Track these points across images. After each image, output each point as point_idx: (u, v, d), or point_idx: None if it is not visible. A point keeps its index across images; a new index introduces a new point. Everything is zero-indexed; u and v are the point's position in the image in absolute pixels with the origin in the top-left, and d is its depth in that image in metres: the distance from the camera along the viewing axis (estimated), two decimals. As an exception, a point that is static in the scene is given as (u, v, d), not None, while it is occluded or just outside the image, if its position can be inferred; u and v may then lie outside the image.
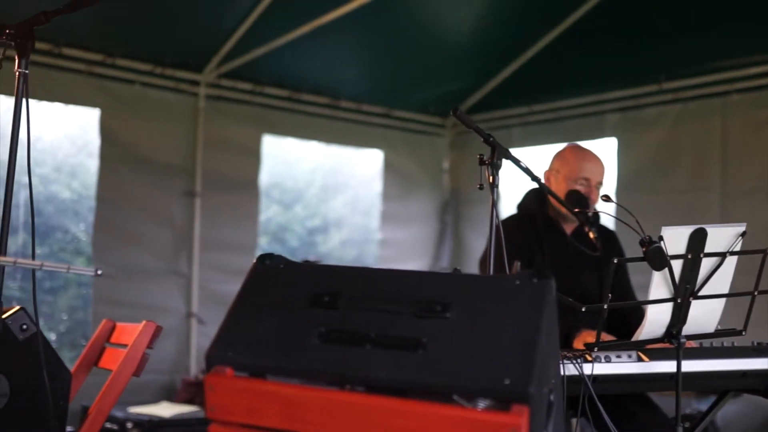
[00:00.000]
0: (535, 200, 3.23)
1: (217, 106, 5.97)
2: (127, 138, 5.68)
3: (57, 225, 6.49)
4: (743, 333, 2.48)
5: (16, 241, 5.89)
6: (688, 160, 5.59)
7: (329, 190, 7.37)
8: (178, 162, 5.87)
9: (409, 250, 6.78)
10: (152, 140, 5.79)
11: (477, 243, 6.68)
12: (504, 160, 2.43)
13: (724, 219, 5.12)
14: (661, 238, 2.21)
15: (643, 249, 2.21)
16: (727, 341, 2.55)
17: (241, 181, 6.06)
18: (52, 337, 6.34)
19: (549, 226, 3.16)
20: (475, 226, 6.72)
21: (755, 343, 2.57)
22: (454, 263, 6.83)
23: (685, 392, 3.78)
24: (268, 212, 6.90)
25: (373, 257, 6.87)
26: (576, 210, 2.74)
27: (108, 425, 4.97)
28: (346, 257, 7.16)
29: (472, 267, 6.72)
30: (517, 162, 2.49)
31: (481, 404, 1.47)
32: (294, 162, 7.20)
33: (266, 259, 1.79)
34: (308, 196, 7.44)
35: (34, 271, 2.24)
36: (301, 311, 1.65)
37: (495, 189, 2.34)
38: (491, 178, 2.34)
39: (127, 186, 5.66)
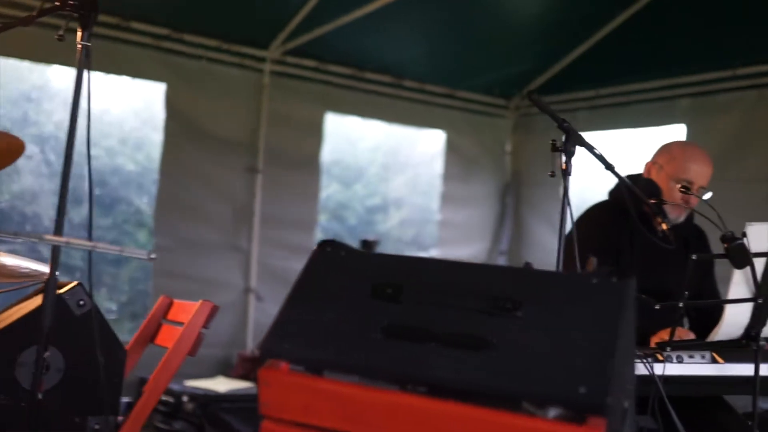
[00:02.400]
0: (644, 191, 2.82)
1: (281, 82, 5.94)
2: (192, 113, 5.70)
3: (121, 197, 6.57)
4: (827, 338, 2.33)
5: (81, 212, 5.98)
6: (762, 149, 5.35)
7: (390, 170, 7.31)
8: (240, 138, 5.88)
9: (468, 232, 6.69)
10: (216, 116, 5.80)
11: (537, 227, 6.55)
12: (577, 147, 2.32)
13: (800, 212, 4.90)
14: (744, 235, 2.08)
15: (725, 245, 2.08)
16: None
17: (303, 159, 6.04)
18: (113, 307, 6.45)
19: (643, 220, 2.82)
20: (536, 210, 6.58)
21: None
22: (513, 247, 6.71)
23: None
24: (328, 190, 6.87)
25: (431, 238, 6.79)
26: (651, 201, 2.60)
27: (164, 398, 5.03)
28: (405, 237, 7.11)
29: (532, 251, 6.59)
30: (591, 149, 2.37)
31: (552, 413, 1.39)
32: (356, 140, 7.15)
33: (327, 245, 1.72)
34: (369, 174, 7.39)
35: (89, 253, 2.21)
36: (362, 303, 1.58)
37: (567, 177, 2.24)
38: (564, 165, 2.24)
39: (190, 161, 5.69)
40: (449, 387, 1.44)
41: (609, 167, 2.43)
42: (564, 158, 2.23)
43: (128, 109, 6.47)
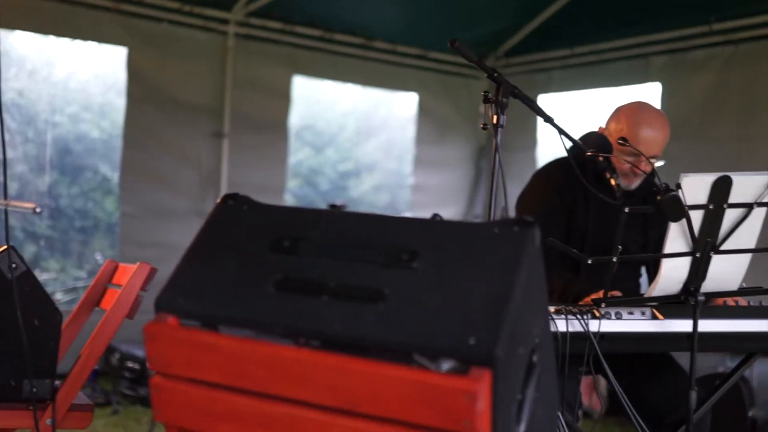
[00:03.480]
0: (595, 146, 2.61)
1: (247, 45, 5.83)
2: (155, 77, 5.60)
3: (87, 164, 6.47)
4: (771, 292, 2.27)
5: (45, 179, 5.88)
6: (737, 107, 5.27)
7: (362, 134, 7.20)
8: (206, 102, 5.78)
9: (442, 196, 6.61)
10: (180, 80, 5.70)
11: (512, 191, 6.43)
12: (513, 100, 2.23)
13: (773, 169, 4.81)
14: (678, 186, 2.00)
15: (658, 198, 2.00)
16: (754, 300, 2.34)
17: (270, 123, 5.94)
18: (82, 275, 6.37)
19: (599, 178, 2.69)
20: (511, 173, 6.39)
21: (786, 303, 2.36)
22: (488, 210, 6.62)
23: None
24: (299, 155, 6.78)
25: (405, 203, 6.71)
26: (600, 157, 2.49)
27: (130, 364, 4.98)
28: (378, 203, 7.03)
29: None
30: (528, 102, 2.29)
31: (445, 365, 1.32)
32: (327, 104, 7.04)
33: (230, 199, 1.64)
34: (341, 139, 7.28)
35: (5, 210, 2.14)
36: (259, 257, 1.51)
37: (499, 130, 2.15)
38: (495, 117, 2.15)
39: (154, 126, 5.60)
40: (342, 341, 1.37)
41: (549, 120, 2.34)
42: (495, 110, 2.14)
43: (92, 75, 6.35)
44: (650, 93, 5.71)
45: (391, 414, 1.24)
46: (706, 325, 2.18)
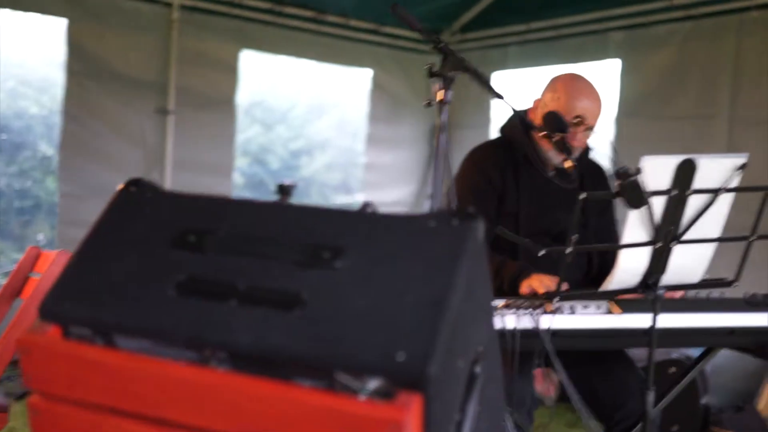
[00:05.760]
0: (521, 125, 2.66)
1: (192, 17, 5.55)
2: (96, 51, 5.33)
3: (26, 142, 6.17)
4: (735, 284, 2.12)
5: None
6: (696, 84, 5.15)
7: (314, 111, 6.96)
8: (150, 77, 5.51)
9: (395, 175, 6.42)
10: (123, 53, 5.42)
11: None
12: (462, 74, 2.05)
13: (731, 149, 4.71)
14: (639, 170, 1.83)
15: (617, 182, 1.83)
16: (716, 292, 2.19)
17: (217, 99, 5.68)
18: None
19: (529, 158, 2.66)
20: (465, 152, 6.32)
21: (747, 295, 2.21)
22: (433, 195, 6.44)
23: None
24: (249, 132, 6.53)
25: (358, 182, 6.52)
26: (555, 137, 2.34)
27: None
28: (331, 181, 6.82)
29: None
30: (478, 76, 2.10)
31: (372, 384, 1.13)
32: (277, 80, 6.78)
33: (132, 185, 1.44)
34: (292, 116, 7.04)
35: None
36: (160, 253, 1.30)
37: (445, 107, 1.97)
38: (441, 93, 1.96)
39: (95, 102, 5.33)
40: (251, 354, 1.18)
41: (498, 96, 2.16)
42: (441, 84, 1.95)
43: (31, 49, 6.03)
44: (609, 69, 5.58)
45: (304, 444, 1.06)
46: (665, 320, 2.03)
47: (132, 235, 1.36)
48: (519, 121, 2.31)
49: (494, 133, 5.85)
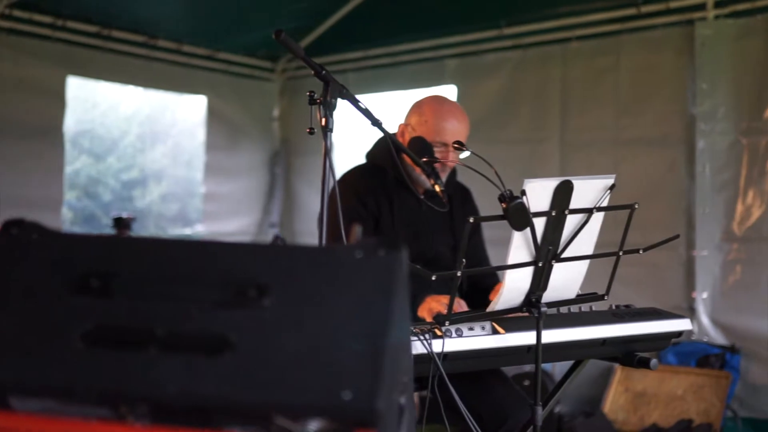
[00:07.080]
0: (389, 150, 2.56)
1: (12, 41, 5.19)
2: None
3: None
4: (605, 297, 2.22)
5: None
6: (527, 110, 5.42)
7: (147, 140, 6.69)
8: (-35, 105, 5.09)
9: (236, 205, 6.28)
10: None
11: (310, 197, 6.28)
12: (340, 100, 2.03)
13: (564, 171, 4.98)
14: (523, 193, 1.88)
15: (503, 205, 1.87)
16: (585, 307, 2.28)
17: (42, 128, 5.33)
18: None
19: (401, 182, 2.65)
20: (307, 179, 6.31)
21: (614, 307, 2.32)
22: (285, 219, 6.38)
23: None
24: (77, 164, 6.18)
25: (197, 212, 6.31)
26: (424, 160, 2.37)
27: None
28: (168, 213, 6.56)
29: (305, 223, 6.32)
30: (355, 102, 2.09)
31: (313, 426, 1.07)
32: (107, 108, 6.46)
33: (13, 226, 1.30)
34: (123, 145, 6.72)
35: None
36: (60, 301, 1.18)
37: (329, 133, 1.93)
38: (324, 120, 1.93)
39: None
40: (179, 404, 1.09)
41: (376, 123, 2.16)
42: (323, 111, 1.92)
43: None
44: (446, 95, 5.73)
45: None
46: (546, 336, 2.08)
47: (21, 283, 1.23)
48: (392, 144, 2.31)
49: (339, 160, 5.82)
